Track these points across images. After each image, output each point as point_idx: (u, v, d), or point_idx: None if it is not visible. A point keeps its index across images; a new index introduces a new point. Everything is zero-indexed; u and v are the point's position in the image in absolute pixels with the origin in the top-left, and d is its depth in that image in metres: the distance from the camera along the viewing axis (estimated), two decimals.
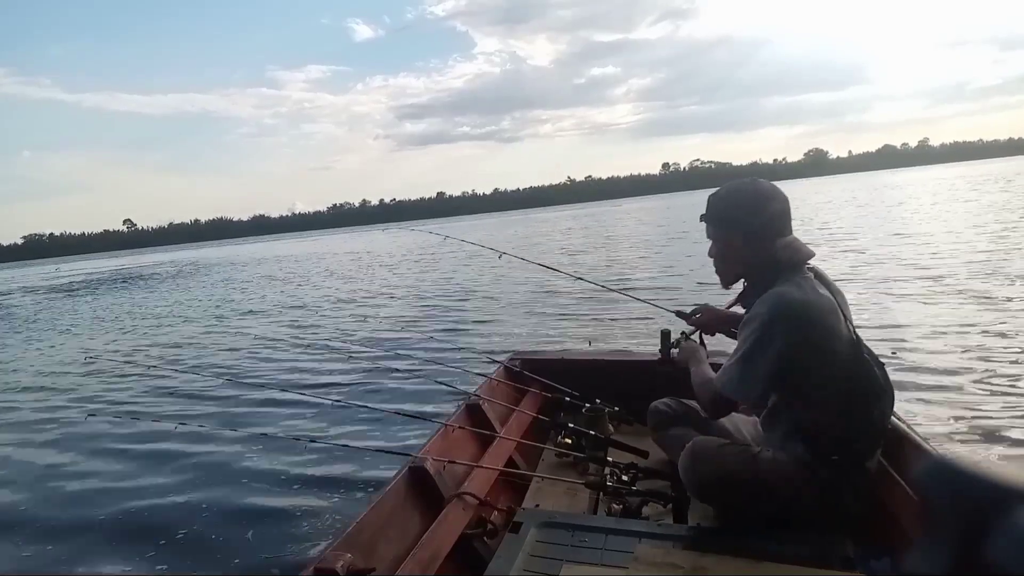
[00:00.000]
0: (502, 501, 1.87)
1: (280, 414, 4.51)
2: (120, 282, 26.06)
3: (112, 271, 38.69)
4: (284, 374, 5.98)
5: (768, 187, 1.52)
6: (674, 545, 1.41)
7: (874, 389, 1.41)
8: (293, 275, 20.19)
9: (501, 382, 2.61)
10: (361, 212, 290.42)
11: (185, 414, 4.81)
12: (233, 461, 3.68)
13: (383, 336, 7.40)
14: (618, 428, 2.35)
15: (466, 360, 3.94)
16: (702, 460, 1.48)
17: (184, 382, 5.64)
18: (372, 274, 17.39)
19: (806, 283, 1.44)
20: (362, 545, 1.44)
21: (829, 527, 1.41)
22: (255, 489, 3.27)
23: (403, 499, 1.68)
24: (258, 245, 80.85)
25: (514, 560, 1.42)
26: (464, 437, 2.16)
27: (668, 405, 1.88)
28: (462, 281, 12.92)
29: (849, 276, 7.91)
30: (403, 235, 37.86)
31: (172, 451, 3.96)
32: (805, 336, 1.37)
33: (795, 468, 1.43)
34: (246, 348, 7.65)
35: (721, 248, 1.59)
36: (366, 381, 5.19)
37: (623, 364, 2.75)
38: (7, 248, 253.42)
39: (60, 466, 4.04)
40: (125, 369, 6.62)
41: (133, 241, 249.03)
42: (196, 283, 21.06)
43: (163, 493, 3.37)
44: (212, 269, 29.21)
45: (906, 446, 1.56)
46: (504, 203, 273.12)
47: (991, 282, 6.70)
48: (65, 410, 5.48)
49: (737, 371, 1.43)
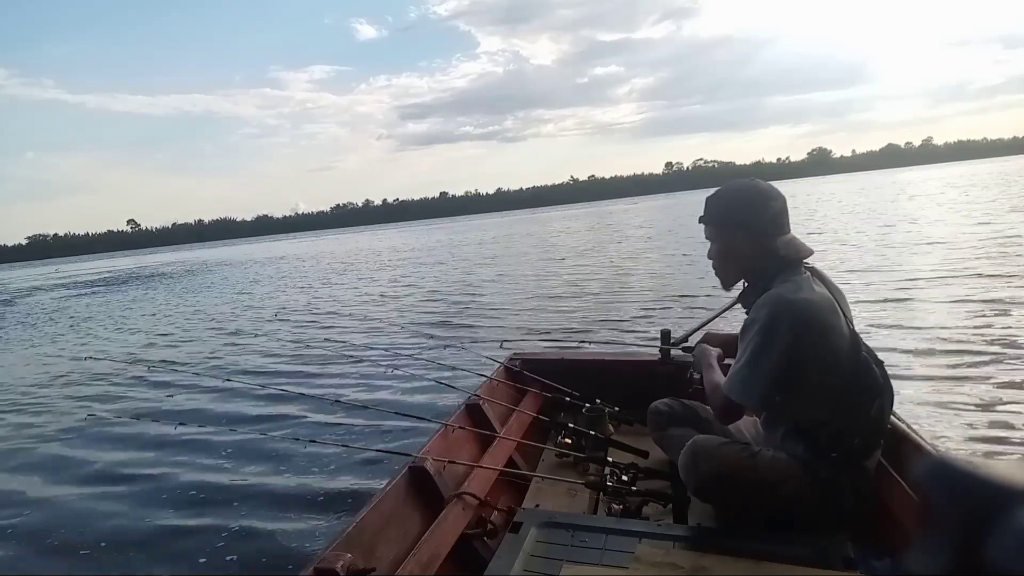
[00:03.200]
0: (502, 501, 1.86)
1: (280, 414, 4.52)
2: (121, 282, 26.13)
3: (114, 271, 38.79)
4: (284, 374, 5.99)
5: (767, 186, 1.54)
6: (674, 545, 1.41)
7: (874, 387, 1.41)
8: (293, 275, 20.23)
9: (501, 382, 2.61)
10: (364, 212, 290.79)
11: (185, 414, 4.82)
12: (233, 461, 3.68)
13: (383, 336, 7.40)
14: (618, 428, 2.35)
15: (466, 360, 3.93)
16: (702, 458, 1.48)
17: (184, 382, 5.66)
18: (372, 274, 17.41)
19: (805, 282, 1.44)
20: (362, 545, 1.43)
21: (829, 527, 1.40)
22: (255, 489, 3.28)
23: (403, 499, 1.68)
24: (261, 245, 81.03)
25: (514, 560, 1.41)
26: (464, 437, 2.15)
27: (668, 405, 1.88)
28: (462, 281, 12.93)
29: (850, 276, 7.89)
30: (404, 235, 37.93)
31: (172, 451, 3.97)
32: (806, 336, 1.36)
33: (795, 467, 1.42)
34: (246, 348, 7.67)
35: (723, 249, 1.58)
36: (366, 381, 5.20)
37: (623, 364, 2.74)
38: (11, 248, 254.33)
39: (60, 466, 4.05)
40: (125, 369, 6.64)
41: (137, 241, 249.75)
42: (196, 283, 21.11)
43: (163, 493, 3.38)
44: (213, 269, 29.29)
45: (906, 446, 1.55)
46: (507, 203, 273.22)
47: (999, 279, 6.67)
48: (65, 410, 5.50)
49: (743, 376, 1.43)
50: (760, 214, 1.49)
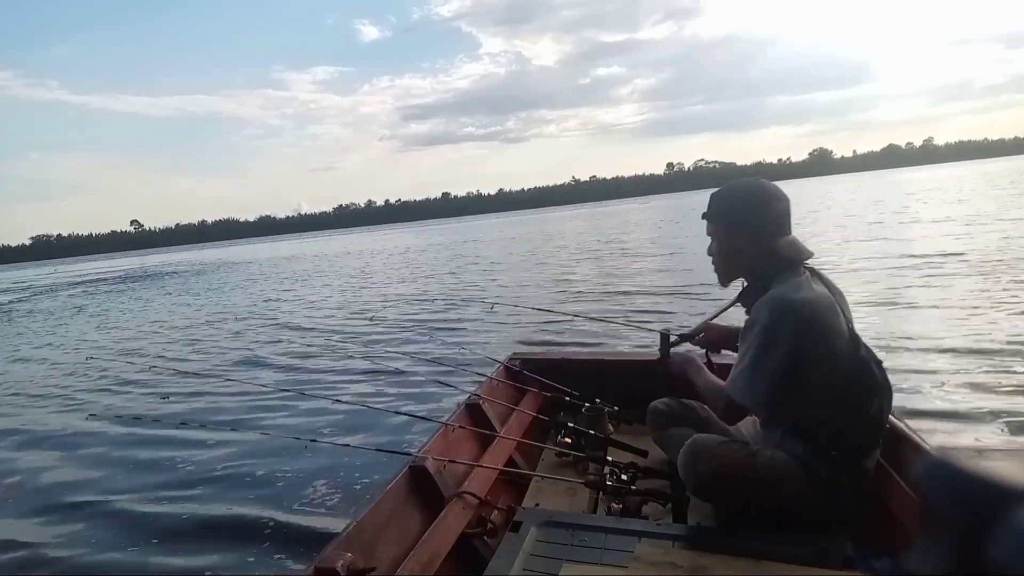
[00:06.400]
0: (502, 500, 1.87)
1: (280, 414, 4.53)
2: (121, 282, 26.18)
3: (115, 272, 38.87)
4: (284, 374, 5.99)
5: (772, 186, 1.54)
6: (674, 544, 1.41)
7: (873, 386, 1.41)
8: (294, 275, 20.25)
9: (501, 382, 2.61)
10: (366, 212, 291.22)
11: (186, 414, 4.82)
12: (234, 461, 3.69)
13: (383, 336, 7.41)
14: (618, 428, 2.35)
15: (466, 360, 3.93)
16: (701, 457, 1.48)
17: (185, 382, 5.67)
18: (372, 274, 17.43)
19: (804, 282, 1.44)
20: (362, 544, 1.44)
21: (829, 527, 1.40)
22: (255, 489, 3.28)
23: (403, 498, 1.68)
24: (263, 245, 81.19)
25: (514, 559, 1.41)
26: (464, 437, 2.16)
27: (667, 405, 1.88)
28: (462, 281, 12.94)
29: (850, 276, 7.88)
30: (405, 235, 37.97)
31: (173, 451, 3.98)
32: (808, 336, 1.36)
33: (795, 467, 1.42)
34: (247, 348, 7.67)
35: (724, 247, 1.58)
36: (366, 381, 5.21)
37: (623, 364, 2.75)
38: (15, 249, 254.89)
39: (60, 466, 4.06)
40: (126, 370, 6.65)
41: (140, 242, 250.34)
42: (197, 283, 21.14)
43: (163, 493, 3.39)
44: (214, 270, 29.33)
45: (906, 446, 1.55)
46: (509, 203, 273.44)
47: (999, 279, 6.66)
48: (66, 410, 5.51)
49: (746, 377, 1.43)
50: (763, 214, 1.50)
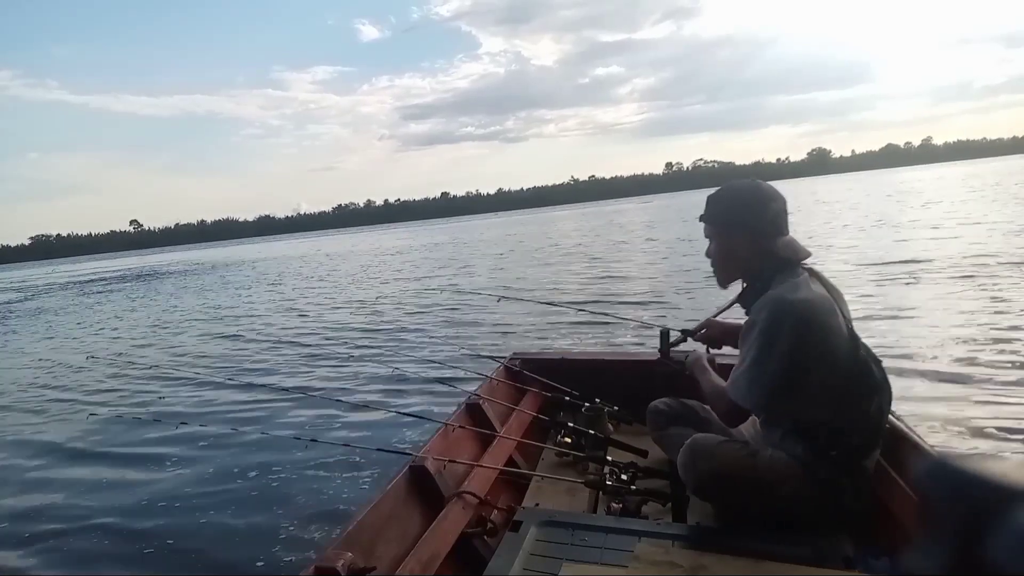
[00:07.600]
0: (502, 500, 1.87)
1: (280, 414, 4.53)
2: (123, 283, 26.16)
3: (116, 272, 38.84)
4: (285, 374, 5.99)
5: (768, 187, 1.54)
6: (673, 544, 1.41)
7: (872, 386, 1.41)
8: (294, 275, 20.24)
9: (501, 382, 2.61)
10: (365, 212, 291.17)
11: (186, 414, 4.82)
12: (234, 461, 3.69)
13: (383, 336, 7.41)
14: (618, 428, 2.35)
15: (466, 360, 3.94)
16: (701, 457, 1.48)
17: (185, 382, 5.67)
18: (372, 274, 17.42)
19: (803, 282, 1.44)
20: (362, 544, 1.44)
21: (829, 527, 1.40)
22: (256, 489, 3.29)
23: (403, 498, 1.68)
24: (263, 245, 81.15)
25: (514, 559, 1.42)
26: (464, 436, 2.16)
27: (667, 405, 1.88)
28: (462, 281, 12.93)
29: (849, 275, 7.88)
30: (405, 235, 37.94)
31: (173, 451, 3.98)
32: (807, 336, 1.36)
33: (794, 467, 1.42)
34: (247, 348, 7.67)
35: (722, 248, 1.58)
36: (367, 380, 5.21)
37: (623, 364, 2.75)
38: (15, 249, 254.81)
39: (61, 466, 4.06)
40: (126, 369, 6.64)
41: (140, 242, 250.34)
42: (197, 283, 21.13)
43: (163, 493, 3.39)
44: (215, 270, 29.32)
45: (905, 446, 1.55)
46: (508, 203, 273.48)
47: (998, 278, 6.66)
48: (66, 410, 5.51)
49: (747, 379, 1.44)
50: (760, 215, 1.50)
